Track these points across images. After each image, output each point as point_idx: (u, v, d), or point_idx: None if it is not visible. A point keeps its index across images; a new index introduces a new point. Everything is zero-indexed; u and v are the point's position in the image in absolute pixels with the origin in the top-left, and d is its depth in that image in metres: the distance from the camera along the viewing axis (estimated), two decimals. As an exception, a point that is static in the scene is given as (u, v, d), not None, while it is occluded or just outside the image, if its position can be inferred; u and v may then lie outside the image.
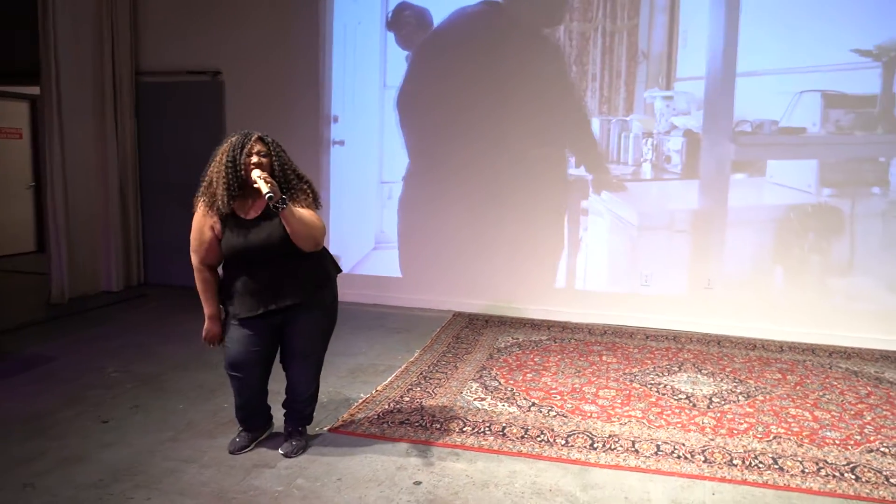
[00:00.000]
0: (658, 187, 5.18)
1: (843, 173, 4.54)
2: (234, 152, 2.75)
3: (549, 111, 5.36)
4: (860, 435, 3.37)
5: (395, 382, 3.97)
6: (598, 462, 3.02)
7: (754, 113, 4.80)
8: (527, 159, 5.47)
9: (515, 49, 5.35)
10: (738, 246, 5.03)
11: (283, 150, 2.87)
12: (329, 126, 5.90)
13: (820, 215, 4.66)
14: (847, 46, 4.46)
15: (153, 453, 3.03)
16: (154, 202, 6.55)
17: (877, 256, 4.65)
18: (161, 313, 5.52)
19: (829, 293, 4.84)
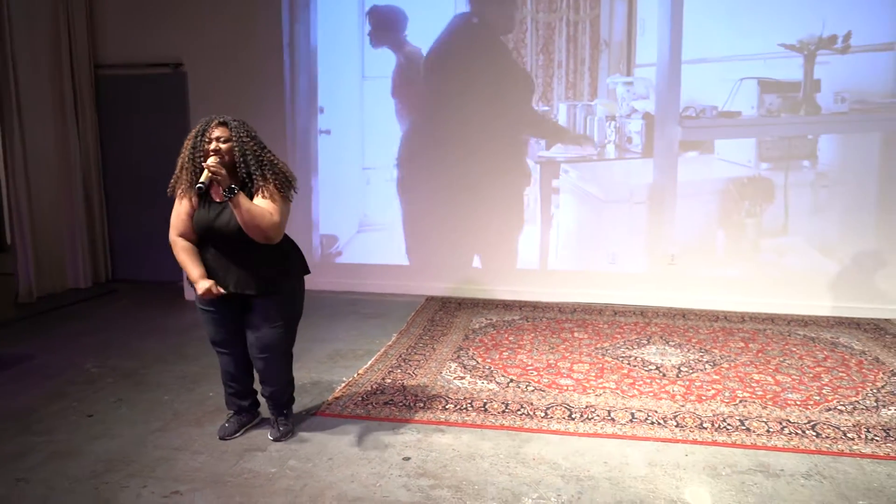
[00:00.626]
0: (620, 166, 5.39)
1: (778, 150, 5.05)
2: (195, 140, 2.77)
3: (504, 103, 5.50)
4: (819, 395, 3.58)
5: (376, 365, 4.06)
6: (577, 431, 3.17)
7: (704, 97, 5.15)
8: (489, 147, 5.59)
9: (479, 55, 5.54)
10: (691, 217, 5.35)
11: (248, 134, 2.81)
12: (314, 116, 5.94)
13: (754, 186, 5.15)
14: (777, 39, 4.91)
15: (143, 443, 3.07)
16: (119, 197, 6.49)
17: (808, 220, 5.15)
18: (133, 309, 5.50)
19: (766, 253, 5.24)
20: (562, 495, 2.62)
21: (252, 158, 2.80)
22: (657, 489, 2.66)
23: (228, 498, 2.60)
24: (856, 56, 4.78)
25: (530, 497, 2.61)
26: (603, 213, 5.47)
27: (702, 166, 5.25)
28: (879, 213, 5.04)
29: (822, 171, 4.99)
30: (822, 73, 4.90)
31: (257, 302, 2.93)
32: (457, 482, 2.71)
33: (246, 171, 2.79)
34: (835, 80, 4.88)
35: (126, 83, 6.34)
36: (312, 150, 5.97)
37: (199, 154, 2.76)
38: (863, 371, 3.94)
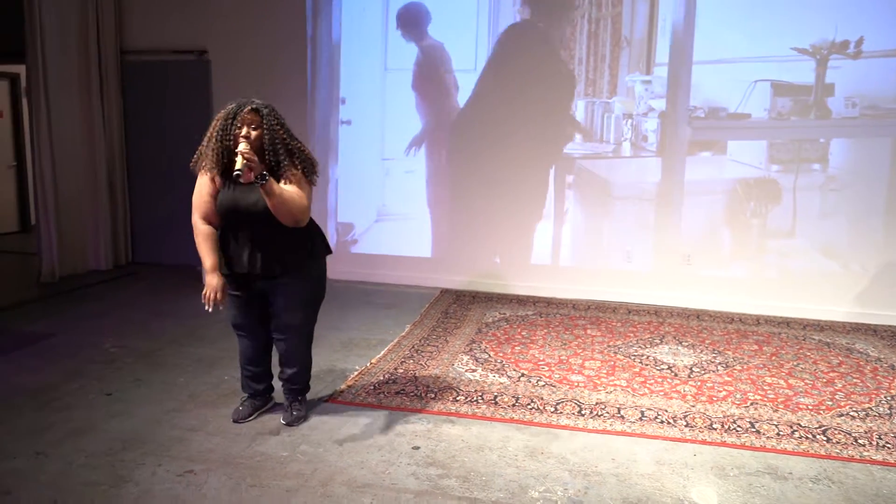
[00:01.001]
0: (635, 163, 5.42)
1: (788, 152, 5.04)
2: (225, 121, 2.81)
3: (546, 103, 5.51)
4: (832, 401, 3.56)
5: (389, 355, 4.10)
6: (586, 427, 3.18)
7: (720, 98, 5.13)
8: (510, 143, 5.60)
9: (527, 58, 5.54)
10: (698, 216, 5.35)
11: (278, 122, 2.85)
12: (335, 107, 5.97)
13: (761, 187, 5.15)
14: (791, 42, 4.90)
15: (159, 423, 3.13)
16: (141, 181, 6.58)
17: (816, 223, 5.13)
18: (152, 291, 5.59)
19: (775, 254, 5.21)
20: (568, 489, 2.64)
21: (281, 147, 2.85)
22: (664, 487, 2.68)
23: (240, 479, 2.65)
24: (868, 62, 4.76)
25: (537, 490, 2.63)
26: (615, 210, 5.47)
27: (714, 167, 5.25)
28: (888, 218, 5.00)
29: (832, 175, 4.98)
30: (834, 77, 4.87)
31: (281, 283, 2.98)
32: (465, 472, 2.74)
33: (275, 160, 2.83)
34: (847, 84, 4.86)
35: (151, 69, 6.41)
36: (333, 139, 6.00)
37: (229, 137, 2.80)
38: (877, 378, 3.91)
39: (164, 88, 6.41)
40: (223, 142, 2.81)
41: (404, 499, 2.55)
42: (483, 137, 5.67)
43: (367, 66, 5.88)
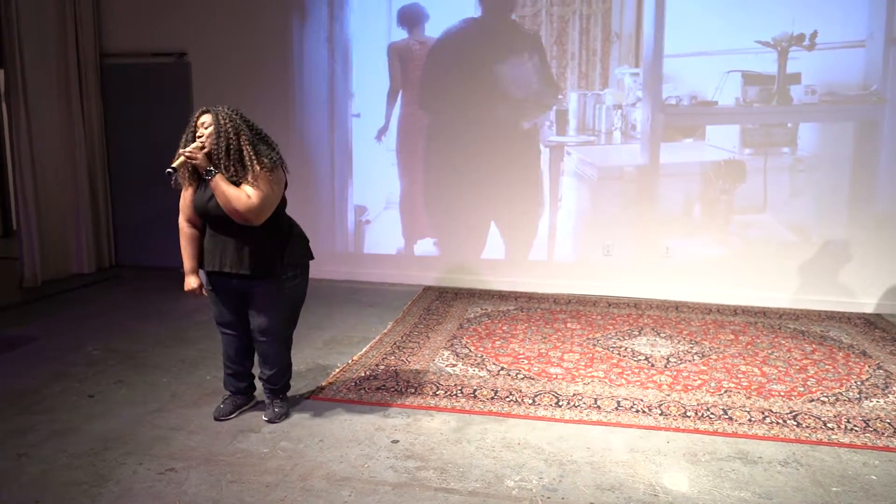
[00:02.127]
0: (623, 150, 5.61)
1: (759, 137, 5.32)
2: (188, 128, 2.96)
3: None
4: (803, 387, 3.64)
5: (370, 352, 4.15)
6: (562, 418, 3.24)
7: (700, 88, 5.36)
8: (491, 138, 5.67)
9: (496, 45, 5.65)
10: (674, 196, 5.53)
11: (234, 120, 2.89)
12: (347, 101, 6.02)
13: (730, 168, 5.38)
14: (757, 35, 5.17)
15: (141, 423, 3.16)
16: (123, 184, 6.58)
17: (785, 202, 5.35)
18: (135, 294, 5.60)
19: (748, 230, 5.40)
20: (543, 478, 2.70)
21: (230, 142, 2.87)
22: (637, 474, 2.74)
23: (220, 476, 2.69)
24: (824, 53, 5.06)
25: (513, 479, 2.69)
26: (598, 193, 5.59)
27: (694, 151, 5.49)
28: (852, 196, 5.18)
29: (800, 157, 5.28)
30: (797, 67, 5.16)
31: (256, 285, 3.02)
32: (442, 464, 2.80)
33: (217, 158, 2.89)
34: (807, 74, 5.14)
35: (131, 72, 6.41)
36: (347, 131, 6.07)
37: (188, 142, 2.92)
38: (849, 364, 4.00)
39: (145, 91, 6.41)
40: (185, 145, 2.93)
41: (382, 491, 2.60)
42: (461, 130, 5.73)
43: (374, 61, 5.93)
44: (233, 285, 3.05)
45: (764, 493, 2.60)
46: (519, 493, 2.60)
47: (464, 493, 2.59)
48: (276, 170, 2.95)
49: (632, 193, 5.54)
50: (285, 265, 3.07)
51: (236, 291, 3.07)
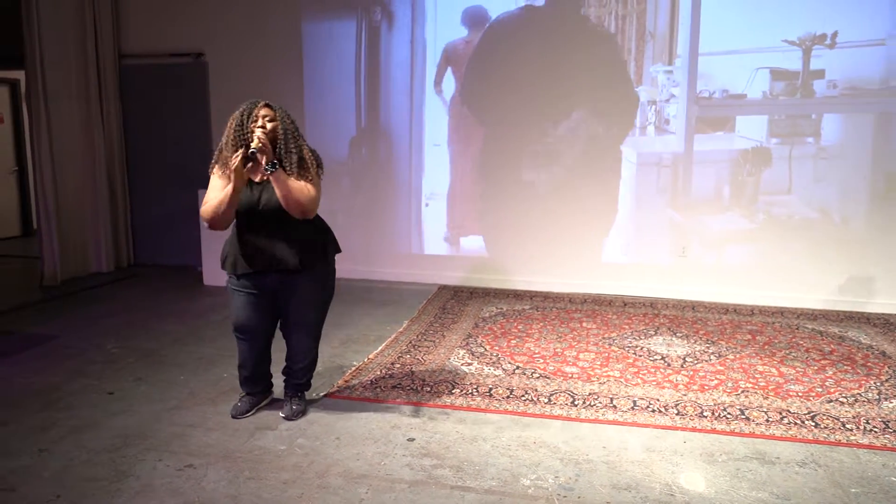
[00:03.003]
0: (659, 142, 5.66)
1: (786, 127, 5.46)
2: (241, 118, 2.93)
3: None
4: (822, 388, 3.61)
5: (386, 351, 4.16)
6: (578, 417, 3.24)
7: (731, 84, 5.46)
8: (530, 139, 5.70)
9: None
10: (706, 180, 5.61)
11: (290, 119, 3.00)
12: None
13: (756, 154, 5.49)
14: (784, 34, 5.29)
15: (159, 420, 3.20)
16: (142, 184, 6.65)
17: (809, 188, 5.41)
18: (153, 292, 5.65)
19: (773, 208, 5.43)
20: (559, 477, 2.70)
21: (292, 140, 2.97)
22: (653, 473, 2.73)
23: (238, 472, 2.72)
24: (848, 51, 5.19)
25: (528, 478, 2.69)
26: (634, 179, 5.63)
27: (725, 142, 5.60)
28: (874, 185, 5.20)
29: (824, 146, 5.40)
30: (821, 64, 5.28)
31: (295, 281, 3.06)
32: (458, 462, 2.80)
33: (284, 151, 2.95)
34: (831, 70, 5.25)
35: (149, 72, 6.48)
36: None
37: (246, 132, 2.90)
38: (868, 364, 3.96)
39: (163, 91, 6.47)
40: (240, 140, 2.90)
41: (399, 489, 2.61)
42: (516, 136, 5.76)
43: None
44: (269, 283, 3.06)
45: (782, 494, 2.58)
46: (535, 491, 2.60)
47: (480, 491, 2.60)
48: (322, 166, 3.10)
49: (665, 182, 5.61)
50: (324, 257, 3.14)
51: (272, 290, 3.09)
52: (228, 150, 2.92)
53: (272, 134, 2.93)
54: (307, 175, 2.98)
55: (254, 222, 3.02)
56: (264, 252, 3.01)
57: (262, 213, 2.98)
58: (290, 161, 2.95)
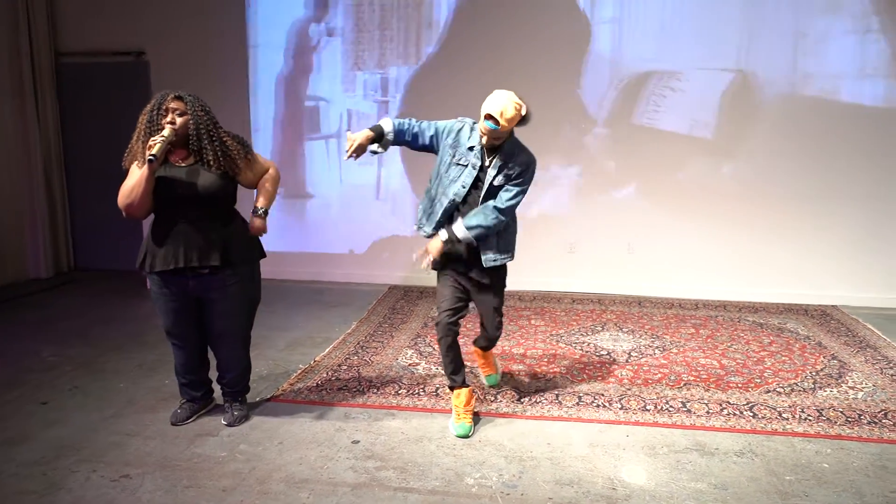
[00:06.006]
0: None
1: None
2: (151, 113, 2.81)
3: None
4: (760, 378, 3.71)
5: (333, 353, 4.12)
6: (524, 414, 3.25)
7: None
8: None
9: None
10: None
11: (203, 108, 2.87)
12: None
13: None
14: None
15: (96, 430, 3.10)
16: (81, 186, 6.44)
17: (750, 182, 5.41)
18: (94, 298, 5.49)
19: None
20: (503, 475, 2.70)
21: (206, 133, 2.86)
22: (596, 468, 2.76)
23: (176, 481, 2.65)
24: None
25: (472, 477, 2.69)
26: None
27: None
28: (805, 192, 5.30)
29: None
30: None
31: (218, 284, 2.95)
32: (403, 464, 2.79)
33: (198, 145, 2.85)
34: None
35: (88, 71, 6.28)
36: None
37: (156, 127, 2.79)
38: (805, 355, 4.08)
39: (103, 90, 6.28)
40: (150, 134, 2.80)
41: (341, 492, 2.58)
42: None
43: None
44: (189, 287, 2.95)
45: (720, 484, 2.64)
46: (479, 490, 2.60)
47: (423, 492, 2.59)
48: (250, 149, 3.05)
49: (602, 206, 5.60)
50: (250, 259, 3.05)
51: (193, 295, 2.98)
52: (138, 144, 2.81)
53: (184, 128, 2.82)
54: (236, 164, 2.91)
55: (173, 212, 2.86)
56: (179, 249, 2.85)
57: (188, 200, 2.84)
58: (209, 156, 2.84)
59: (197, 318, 3.05)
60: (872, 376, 3.73)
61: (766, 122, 5.25)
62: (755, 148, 5.30)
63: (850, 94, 5.09)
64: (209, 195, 2.87)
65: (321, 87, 5.90)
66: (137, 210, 2.82)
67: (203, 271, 2.91)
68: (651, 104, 5.37)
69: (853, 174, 5.17)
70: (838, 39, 5.04)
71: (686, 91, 5.29)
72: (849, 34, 5.02)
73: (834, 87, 5.11)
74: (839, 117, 5.13)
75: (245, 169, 2.98)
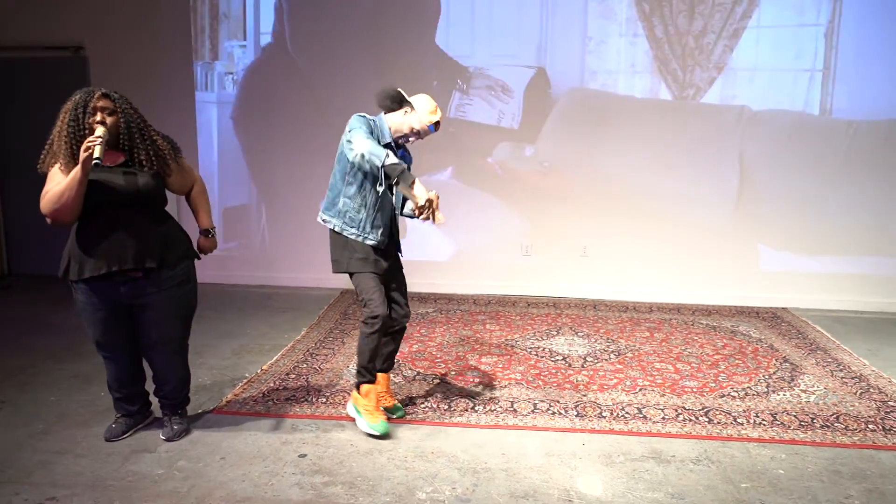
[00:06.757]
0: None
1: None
2: (76, 111, 2.61)
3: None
4: (715, 382, 3.69)
5: (281, 360, 3.96)
6: (478, 423, 3.16)
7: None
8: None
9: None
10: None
11: (131, 106, 2.72)
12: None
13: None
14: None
15: (21, 447, 2.89)
16: (15, 187, 6.13)
17: (703, 185, 5.30)
18: (28, 304, 5.21)
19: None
20: (456, 488, 2.60)
21: (136, 131, 2.71)
22: (551, 479, 2.68)
23: (108, 502, 2.48)
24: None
25: (424, 491, 2.58)
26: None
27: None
28: (755, 197, 5.30)
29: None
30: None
31: (153, 289, 2.78)
32: (352, 478, 2.66)
33: (130, 144, 2.70)
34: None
35: (22, 67, 5.98)
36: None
37: (83, 127, 2.61)
38: (758, 358, 4.09)
39: (39, 87, 5.97)
40: (77, 133, 2.61)
41: (286, 510, 2.45)
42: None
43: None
44: (121, 294, 2.75)
45: (677, 493, 2.59)
46: (431, 505, 2.50)
47: (373, 508, 2.47)
48: (179, 150, 2.95)
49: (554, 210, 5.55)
50: (187, 261, 2.90)
51: (124, 303, 2.79)
52: (61, 145, 2.62)
53: (114, 129, 2.65)
54: (167, 164, 2.78)
55: (108, 212, 2.67)
56: (113, 252, 2.66)
57: (121, 202, 2.67)
58: (141, 156, 2.69)
59: (129, 327, 2.87)
60: (824, 379, 3.75)
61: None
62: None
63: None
64: (145, 195, 2.72)
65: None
66: (67, 215, 2.62)
67: (136, 275, 2.74)
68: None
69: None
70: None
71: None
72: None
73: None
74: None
75: (175, 171, 2.84)
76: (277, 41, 5.69)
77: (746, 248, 5.34)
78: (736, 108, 5.22)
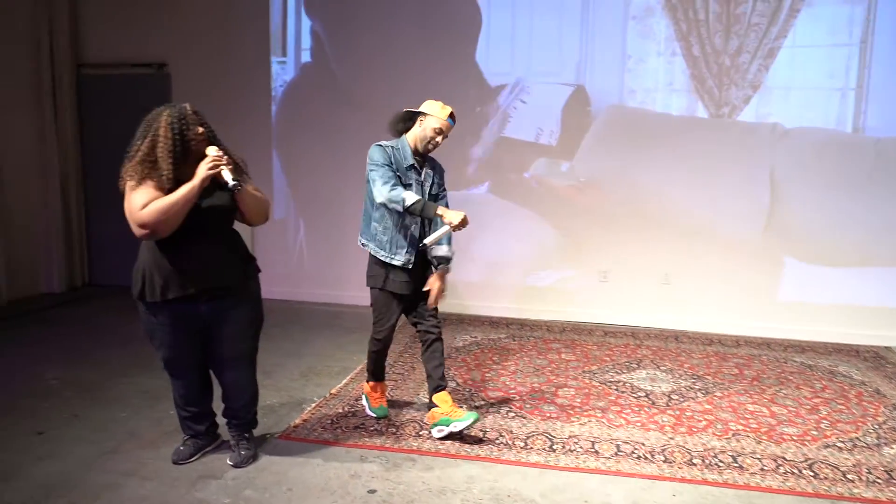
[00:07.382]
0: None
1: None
2: (180, 126, 2.55)
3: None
4: (817, 430, 3.37)
5: (350, 385, 3.85)
6: (557, 465, 2.95)
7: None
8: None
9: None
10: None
11: (209, 125, 2.71)
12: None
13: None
14: None
15: (90, 467, 2.85)
16: (99, 200, 6.27)
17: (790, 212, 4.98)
18: (105, 316, 5.29)
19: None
20: (536, 538, 2.41)
21: (222, 149, 2.67)
22: (640, 534, 2.45)
23: (172, 533, 2.39)
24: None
25: (502, 540, 2.40)
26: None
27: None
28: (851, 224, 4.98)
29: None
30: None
31: (227, 306, 2.74)
32: (423, 520, 2.50)
33: (229, 160, 2.65)
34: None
35: (110, 83, 6.14)
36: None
37: (189, 140, 2.56)
38: (863, 404, 3.73)
39: (124, 102, 6.11)
40: (185, 145, 2.55)
41: (354, 553, 2.30)
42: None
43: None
44: (201, 312, 2.71)
45: (783, 559, 2.32)
46: (508, 556, 2.31)
47: (446, 556, 2.30)
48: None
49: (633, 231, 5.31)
50: (254, 277, 2.87)
51: (202, 320, 2.73)
52: (164, 160, 2.52)
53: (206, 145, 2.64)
54: (245, 180, 2.72)
55: (195, 230, 2.60)
56: (197, 274, 2.62)
57: (204, 220, 2.61)
58: (240, 170, 2.69)
59: (200, 345, 2.81)
60: (941, 431, 3.38)
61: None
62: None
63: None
64: (226, 214, 2.70)
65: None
66: (167, 229, 2.56)
67: (218, 294, 2.68)
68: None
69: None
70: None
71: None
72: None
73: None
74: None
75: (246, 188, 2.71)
76: (315, 60, 5.73)
77: (843, 278, 4.95)
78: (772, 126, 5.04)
